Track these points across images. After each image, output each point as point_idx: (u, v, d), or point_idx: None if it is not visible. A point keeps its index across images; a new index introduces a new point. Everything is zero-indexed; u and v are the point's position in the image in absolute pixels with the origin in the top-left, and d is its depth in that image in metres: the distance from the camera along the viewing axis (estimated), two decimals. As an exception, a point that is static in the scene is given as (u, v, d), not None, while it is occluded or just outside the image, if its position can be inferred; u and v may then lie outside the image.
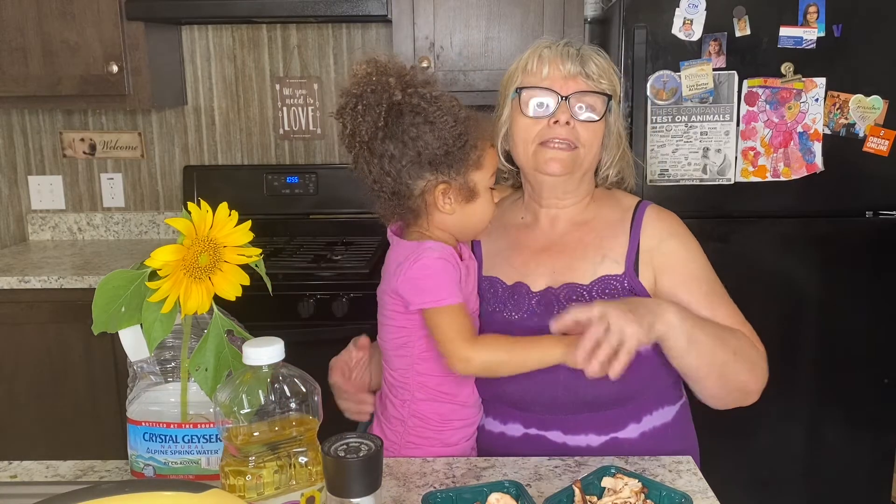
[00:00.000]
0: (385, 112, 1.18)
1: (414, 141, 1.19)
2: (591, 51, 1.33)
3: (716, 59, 2.15)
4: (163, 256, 0.95)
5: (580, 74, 1.30)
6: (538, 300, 1.32)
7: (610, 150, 1.37)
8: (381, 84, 1.19)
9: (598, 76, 1.31)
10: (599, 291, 1.30)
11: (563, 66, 1.30)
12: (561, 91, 1.30)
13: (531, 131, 1.32)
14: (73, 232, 2.97)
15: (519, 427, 1.32)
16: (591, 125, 1.31)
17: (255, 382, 0.89)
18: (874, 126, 2.18)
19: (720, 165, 2.20)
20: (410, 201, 1.23)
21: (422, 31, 2.45)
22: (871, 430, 2.32)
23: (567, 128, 1.29)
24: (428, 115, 1.19)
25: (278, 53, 2.85)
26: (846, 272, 2.25)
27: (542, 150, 1.31)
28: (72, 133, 2.90)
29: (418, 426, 1.31)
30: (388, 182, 1.22)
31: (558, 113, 1.29)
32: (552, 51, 1.32)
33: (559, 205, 1.38)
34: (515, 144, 1.35)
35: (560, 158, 1.30)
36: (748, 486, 2.32)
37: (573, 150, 1.30)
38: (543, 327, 1.27)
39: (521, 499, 1.00)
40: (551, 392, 1.27)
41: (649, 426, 1.31)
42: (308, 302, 2.26)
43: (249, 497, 0.89)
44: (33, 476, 1.18)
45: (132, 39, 2.48)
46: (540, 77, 1.31)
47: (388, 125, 1.19)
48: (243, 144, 2.91)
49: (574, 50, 1.32)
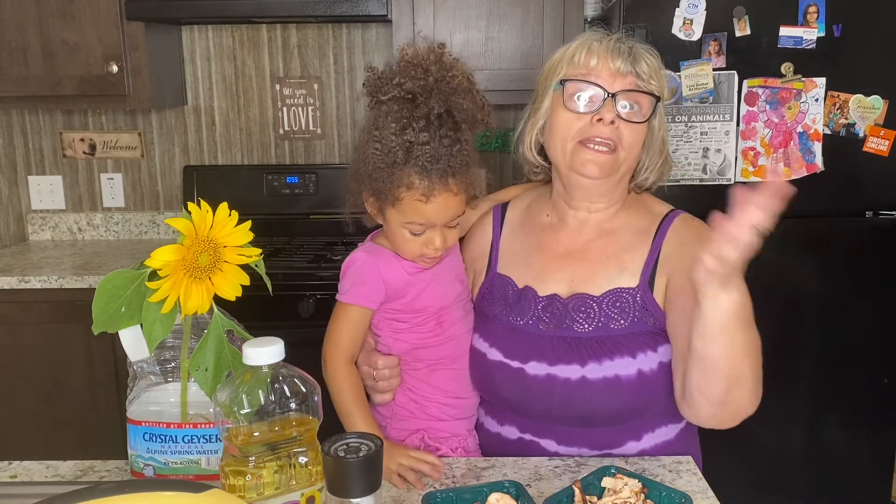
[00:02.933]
0: (371, 104, 1.21)
1: (368, 142, 1.20)
2: (643, 49, 1.26)
3: (716, 59, 2.15)
4: (163, 256, 0.95)
5: (630, 73, 1.23)
6: (544, 306, 1.29)
7: (652, 156, 1.31)
8: (387, 78, 1.19)
9: (649, 76, 1.24)
10: (610, 304, 1.26)
11: (613, 63, 1.23)
12: (609, 87, 1.22)
13: (572, 127, 1.24)
14: (73, 232, 2.97)
15: (514, 430, 1.32)
16: (636, 126, 1.24)
17: (255, 382, 0.89)
18: (874, 126, 2.18)
19: (720, 165, 2.20)
20: (357, 197, 1.26)
21: (422, 31, 2.44)
22: (871, 430, 2.32)
23: (611, 127, 1.22)
24: (370, 134, 1.19)
25: (278, 53, 2.85)
26: (846, 272, 2.25)
27: (580, 151, 1.24)
28: (72, 133, 2.90)
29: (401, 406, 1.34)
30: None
31: (603, 110, 1.22)
32: (602, 45, 1.25)
33: (590, 208, 1.32)
34: (553, 139, 1.28)
35: (599, 162, 1.23)
36: (748, 486, 2.32)
37: (613, 153, 1.23)
38: (548, 336, 1.27)
39: (521, 499, 1.00)
40: (546, 403, 1.26)
41: (650, 444, 1.28)
42: (308, 302, 2.26)
43: (249, 497, 0.89)
44: (33, 476, 1.18)
45: (132, 39, 2.48)
46: (587, 70, 1.24)
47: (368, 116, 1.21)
48: (243, 144, 2.91)
49: (626, 47, 1.25)
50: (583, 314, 1.26)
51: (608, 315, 1.25)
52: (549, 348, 1.26)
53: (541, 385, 1.25)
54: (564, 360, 1.24)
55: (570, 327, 1.26)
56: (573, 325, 1.26)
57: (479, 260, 1.41)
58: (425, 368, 1.31)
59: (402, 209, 1.19)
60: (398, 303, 1.28)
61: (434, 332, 1.29)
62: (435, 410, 1.32)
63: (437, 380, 1.32)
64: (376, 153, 1.17)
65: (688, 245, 1.23)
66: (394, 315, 1.29)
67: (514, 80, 2.40)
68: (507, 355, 1.28)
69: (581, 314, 1.26)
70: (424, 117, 1.15)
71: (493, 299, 1.35)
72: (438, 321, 1.29)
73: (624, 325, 1.25)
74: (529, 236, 1.38)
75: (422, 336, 1.29)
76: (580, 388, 1.23)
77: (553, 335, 1.26)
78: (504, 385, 1.28)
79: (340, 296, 1.27)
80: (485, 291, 1.37)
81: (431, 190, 1.16)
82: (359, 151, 1.22)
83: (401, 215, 1.20)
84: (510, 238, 1.39)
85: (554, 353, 1.25)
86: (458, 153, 1.16)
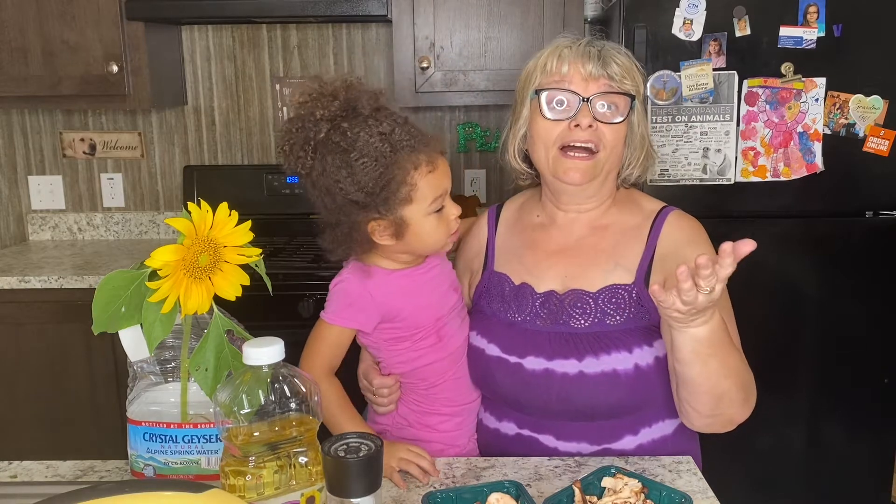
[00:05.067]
0: (311, 151, 1.18)
1: (336, 184, 1.17)
2: (612, 50, 1.28)
3: (716, 59, 2.15)
4: (163, 256, 0.95)
5: (602, 76, 1.25)
6: (542, 302, 1.30)
7: (634, 151, 1.32)
8: (309, 119, 1.17)
9: (621, 77, 1.26)
10: (606, 300, 1.27)
11: (584, 67, 1.25)
12: (582, 92, 1.25)
13: (551, 134, 1.27)
14: (73, 232, 2.97)
15: (513, 426, 1.32)
16: (615, 126, 1.26)
17: (255, 382, 0.89)
18: (874, 126, 2.18)
19: (720, 165, 2.20)
20: (353, 234, 1.22)
21: (422, 31, 2.44)
22: (871, 430, 2.32)
23: (589, 131, 1.24)
24: (346, 159, 1.16)
25: (278, 53, 2.85)
26: (846, 272, 2.25)
27: (561, 159, 1.27)
28: (72, 133, 2.90)
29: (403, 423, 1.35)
30: (329, 215, 1.22)
31: (579, 116, 1.24)
32: (572, 50, 1.27)
33: (580, 209, 1.35)
34: (534, 147, 1.31)
35: (580, 168, 1.26)
36: (748, 486, 2.32)
37: (593, 157, 1.26)
38: (545, 332, 1.28)
39: (521, 499, 1.00)
40: (545, 398, 1.26)
41: (647, 438, 1.29)
42: (308, 302, 2.26)
43: (249, 497, 0.89)
44: (33, 476, 1.18)
45: (132, 39, 2.48)
46: (560, 77, 1.26)
47: (316, 164, 1.18)
48: (243, 144, 2.91)
49: (596, 50, 1.27)
50: (579, 310, 1.27)
51: (604, 311, 1.26)
52: (546, 343, 1.27)
53: (539, 380, 1.26)
54: (562, 355, 1.25)
55: (567, 323, 1.27)
56: (570, 320, 1.27)
57: (475, 259, 1.43)
58: (426, 386, 1.32)
59: (421, 194, 1.19)
60: (397, 319, 1.27)
61: (435, 348, 1.29)
62: (435, 420, 1.33)
63: (439, 392, 1.32)
64: (367, 166, 1.16)
65: (681, 248, 1.26)
66: (394, 333, 1.28)
67: (514, 80, 2.35)
68: (506, 350, 1.29)
69: (577, 310, 1.27)
70: (371, 116, 1.17)
71: (490, 296, 1.36)
72: (438, 335, 1.29)
73: (619, 321, 1.26)
74: (522, 235, 1.40)
75: (422, 353, 1.29)
76: (578, 383, 1.24)
77: (550, 330, 1.27)
78: (503, 380, 1.29)
79: (327, 316, 1.27)
80: (482, 289, 1.38)
81: (431, 157, 1.20)
82: (339, 191, 1.18)
83: (422, 202, 1.20)
84: (505, 237, 1.41)
85: (551, 347, 1.26)
86: (412, 124, 1.21)
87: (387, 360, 1.31)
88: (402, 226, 1.20)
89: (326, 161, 1.17)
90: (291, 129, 1.19)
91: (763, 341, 1.33)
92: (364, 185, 1.16)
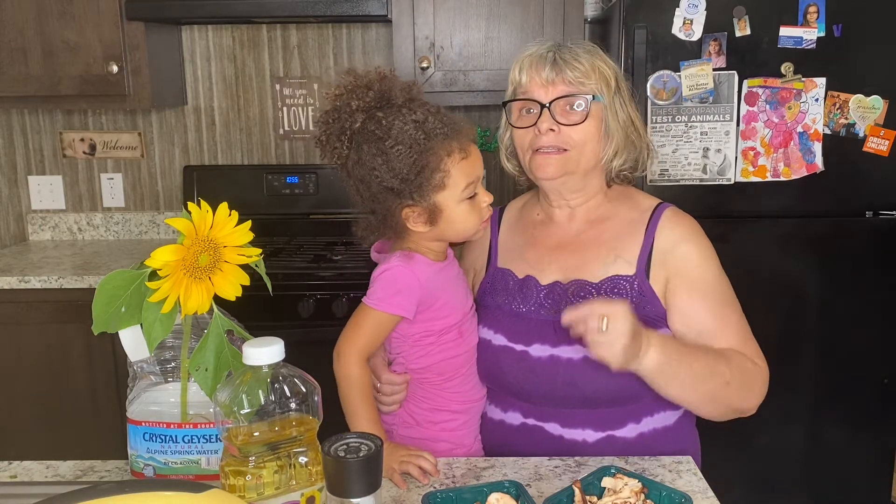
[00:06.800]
0: (347, 142, 1.23)
1: (371, 172, 1.22)
2: (569, 55, 1.31)
3: (716, 59, 2.15)
4: (163, 256, 0.95)
5: (559, 80, 1.30)
6: (546, 293, 1.33)
7: (612, 143, 1.34)
8: (345, 110, 1.22)
9: (578, 79, 1.30)
10: (608, 290, 1.30)
11: (539, 75, 1.31)
12: (541, 99, 1.30)
13: (524, 140, 1.34)
14: (73, 232, 2.97)
15: (518, 416, 1.34)
16: (579, 126, 1.30)
17: (255, 382, 0.89)
18: (874, 126, 2.18)
19: (720, 165, 2.20)
20: (388, 220, 1.25)
21: (422, 31, 2.45)
22: (871, 430, 2.32)
23: (553, 134, 1.30)
24: (382, 147, 1.20)
25: (278, 53, 2.85)
26: (846, 272, 2.25)
27: (535, 158, 1.33)
28: (72, 133, 2.90)
29: (409, 422, 1.35)
30: (364, 204, 1.26)
31: (540, 122, 1.30)
32: (530, 59, 1.33)
33: (570, 203, 1.39)
34: (517, 152, 1.38)
35: (551, 163, 1.31)
36: (748, 486, 2.32)
37: (564, 154, 1.31)
38: (549, 321, 1.30)
39: (521, 499, 1.00)
40: (550, 385, 1.29)
41: (648, 427, 1.31)
42: (308, 302, 2.26)
43: (249, 497, 0.89)
44: (33, 476, 1.18)
45: (132, 39, 2.48)
46: (522, 87, 1.33)
47: (352, 154, 1.23)
48: (243, 144, 2.91)
49: (552, 55, 1.31)
50: (582, 299, 1.29)
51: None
52: (550, 331, 1.30)
53: (545, 366, 1.29)
54: (566, 342, 1.27)
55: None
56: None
57: (479, 258, 1.47)
58: (441, 380, 1.33)
59: (454, 180, 1.23)
60: (432, 309, 1.29)
61: (456, 343, 1.32)
62: (443, 417, 1.34)
63: (452, 386, 1.34)
64: (401, 153, 1.19)
65: (677, 244, 1.32)
66: (425, 327, 1.30)
67: (514, 80, 2.39)
68: (511, 339, 1.32)
69: (580, 299, 1.29)
70: (404, 105, 1.22)
71: (495, 291, 1.39)
72: (459, 330, 1.33)
73: None
74: (524, 233, 1.44)
75: (444, 347, 1.31)
76: (583, 368, 1.26)
77: (555, 319, 1.29)
78: (509, 369, 1.32)
79: (372, 302, 1.27)
80: (487, 286, 1.42)
81: (463, 144, 1.24)
82: (374, 178, 1.22)
83: (454, 188, 1.23)
84: (507, 235, 1.46)
85: (556, 335, 1.29)
86: (444, 112, 1.25)
87: (407, 353, 1.32)
88: (435, 212, 1.24)
89: (362, 150, 1.22)
90: (328, 120, 1.24)
91: (763, 341, 1.33)
92: (399, 172, 1.20)
